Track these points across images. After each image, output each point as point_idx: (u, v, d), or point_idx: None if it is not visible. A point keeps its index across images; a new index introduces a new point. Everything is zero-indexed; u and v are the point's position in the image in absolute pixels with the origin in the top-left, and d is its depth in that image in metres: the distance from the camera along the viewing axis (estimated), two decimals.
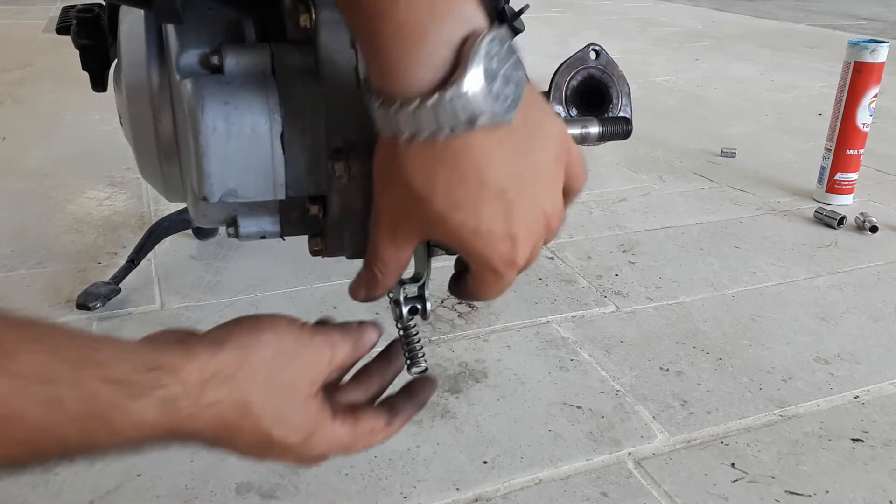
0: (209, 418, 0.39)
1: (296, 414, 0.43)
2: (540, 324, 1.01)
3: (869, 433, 0.81)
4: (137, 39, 0.55)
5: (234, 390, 0.40)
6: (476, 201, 0.38)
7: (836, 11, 4.22)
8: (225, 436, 0.41)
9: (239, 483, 0.72)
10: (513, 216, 0.39)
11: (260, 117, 0.45)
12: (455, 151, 0.37)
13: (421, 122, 0.36)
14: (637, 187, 1.51)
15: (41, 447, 0.35)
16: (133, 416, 0.36)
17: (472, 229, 0.39)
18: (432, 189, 0.38)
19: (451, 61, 0.36)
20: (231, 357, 0.40)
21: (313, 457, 0.45)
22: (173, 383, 0.37)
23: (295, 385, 0.43)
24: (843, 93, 1.39)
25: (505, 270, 0.41)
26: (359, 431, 0.46)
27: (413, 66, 0.36)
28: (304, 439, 0.43)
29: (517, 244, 0.40)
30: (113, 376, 0.36)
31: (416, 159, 0.38)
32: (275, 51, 0.48)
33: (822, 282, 1.14)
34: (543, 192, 0.40)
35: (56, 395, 0.34)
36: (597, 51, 0.63)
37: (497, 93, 0.36)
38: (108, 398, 0.35)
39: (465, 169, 0.38)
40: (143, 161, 0.59)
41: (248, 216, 0.52)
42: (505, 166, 0.38)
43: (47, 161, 1.55)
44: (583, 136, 0.58)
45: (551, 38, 2.83)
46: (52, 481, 0.71)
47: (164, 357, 0.38)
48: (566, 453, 0.77)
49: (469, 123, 0.36)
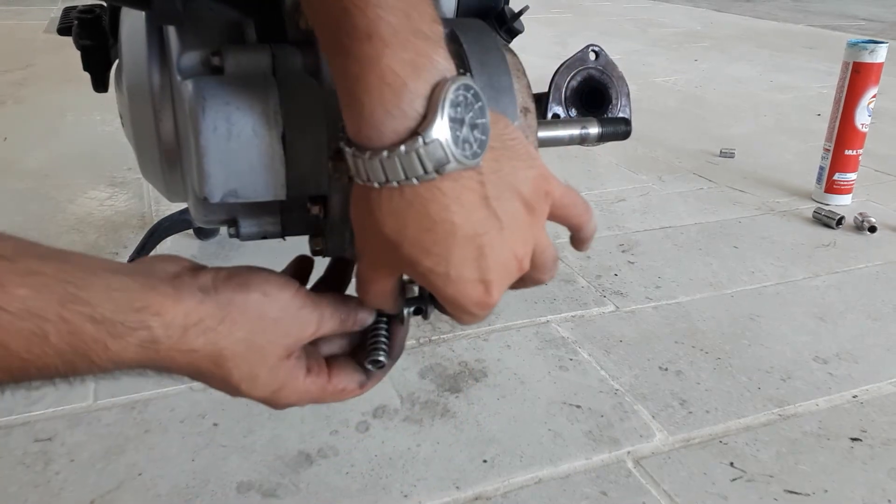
0: (184, 362, 0.41)
1: (266, 374, 0.44)
2: (539, 323, 1.01)
3: (867, 432, 0.82)
4: (138, 40, 0.55)
5: (210, 342, 0.41)
6: (445, 248, 0.39)
7: (834, 12, 4.22)
8: (196, 377, 0.43)
9: (240, 482, 0.72)
10: (484, 261, 0.40)
11: (261, 118, 0.46)
12: (424, 199, 0.38)
13: (389, 172, 0.37)
14: (636, 187, 1.51)
15: (22, 374, 0.37)
16: (113, 354, 0.38)
17: (443, 275, 0.40)
18: (402, 236, 0.39)
19: (421, 112, 0.36)
20: (215, 309, 0.41)
21: (280, 405, 0.47)
22: (156, 326, 0.39)
23: (271, 349, 0.43)
24: (842, 93, 1.39)
25: (477, 312, 0.42)
26: (329, 389, 0.48)
27: (387, 116, 0.36)
28: (271, 393, 0.45)
29: (490, 287, 0.41)
30: (98, 315, 0.37)
31: (386, 207, 0.38)
32: (275, 51, 0.48)
33: (820, 282, 1.15)
34: (514, 236, 0.41)
35: (41, 329, 0.35)
36: (596, 51, 0.64)
37: (464, 139, 0.37)
38: (91, 335, 0.37)
39: (434, 216, 0.38)
40: (144, 161, 0.59)
41: (249, 216, 0.52)
42: (474, 212, 0.39)
43: (49, 161, 1.55)
44: (582, 136, 0.58)
45: (551, 39, 2.83)
46: (52, 480, 0.72)
47: (152, 297, 0.39)
48: (566, 452, 0.77)
49: (436, 171, 0.37)
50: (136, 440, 0.77)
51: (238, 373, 0.42)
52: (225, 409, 0.82)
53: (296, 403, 0.47)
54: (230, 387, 0.43)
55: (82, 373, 0.38)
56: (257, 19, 0.52)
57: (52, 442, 0.77)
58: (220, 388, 0.44)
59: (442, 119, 0.36)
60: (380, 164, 0.37)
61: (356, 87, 0.36)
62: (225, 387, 0.44)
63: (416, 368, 0.90)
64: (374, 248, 0.41)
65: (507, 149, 0.40)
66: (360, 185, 0.39)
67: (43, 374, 0.37)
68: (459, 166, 0.37)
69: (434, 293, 0.41)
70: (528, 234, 0.42)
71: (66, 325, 0.36)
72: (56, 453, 0.75)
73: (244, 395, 0.44)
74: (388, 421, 0.81)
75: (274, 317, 0.43)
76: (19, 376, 0.37)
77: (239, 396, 0.45)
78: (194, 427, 0.79)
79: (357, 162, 0.38)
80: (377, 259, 0.42)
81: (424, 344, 0.95)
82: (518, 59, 0.52)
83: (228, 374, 0.42)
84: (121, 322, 0.38)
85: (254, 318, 0.42)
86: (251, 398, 0.45)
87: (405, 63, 0.36)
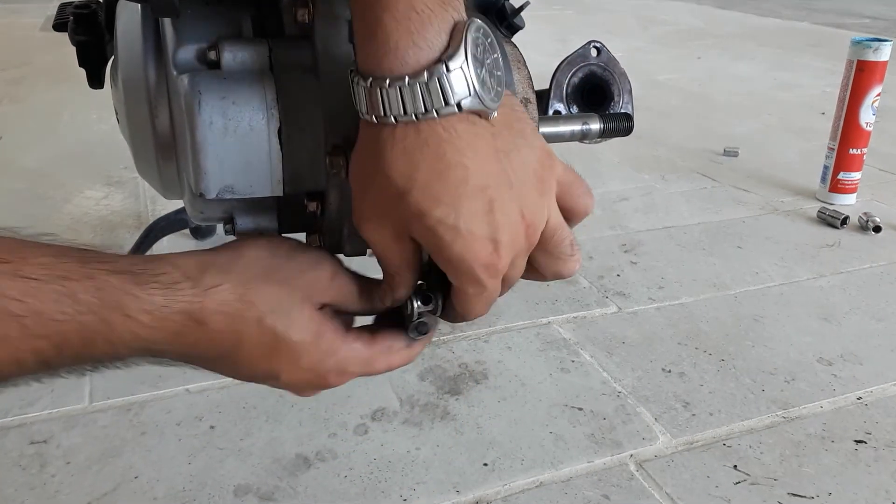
0: (213, 305, 0.40)
1: (297, 311, 0.42)
2: (541, 324, 1.00)
3: (872, 434, 0.81)
4: (134, 35, 0.54)
5: (231, 278, 0.41)
6: (456, 197, 0.38)
7: (839, 10, 4.21)
8: (232, 328, 0.41)
9: (237, 485, 0.71)
10: (493, 217, 0.39)
11: (257, 113, 0.45)
12: (439, 139, 0.37)
13: (409, 102, 0.36)
14: (639, 187, 1.50)
15: (63, 342, 0.37)
16: (142, 301, 0.38)
17: (452, 228, 0.38)
18: (412, 181, 0.38)
19: (444, 45, 0.37)
20: (225, 255, 0.43)
21: (331, 368, 0.44)
22: (172, 270, 0.40)
23: (291, 283, 0.43)
24: (846, 92, 1.39)
25: (486, 278, 0.40)
26: (377, 348, 0.45)
27: (412, 46, 0.36)
28: (312, 339, 0.43)
29: (499, 248, 0.39)
30: (118, 268, 0.38)
31: (400, 146, 0.37)
32: (273, 46, 0.47)
33: (825, 282, 1.14)
34: (524, 196, 0.40)
35: (69, 289, 0.36)
36: (598, 48, 0.63)
37: (483, 80, 0.37)
38: (117, 286, 0.38)
39: (448, 159, 0.37)
40: (139, 158, 0.58)
41: (246, 213, 0.51)
42: (487, 163, 0.38)
43: (44, 160, 1.54)
44: (584, 132, 0.57)
45: (551, 36, 2.82)
46: (48, 483, 0.71)
47: (163, 255, 0.41)
48: (567, 455, 0.76)
49: (456, 105, 0.37)
50: (133, 442, 0.76)
51: (268, 307, 0.41)
52: (222, 412, 0.81)
53: (346, 365, 0.44)
54: (265, 329, 0.41)
55: (122, 329, 0.38)
56: (254, 13, 0.51)
57: (48, 444, 0.76)
58: (259, 340, 0.42)
59: (465, 51, 0.36)
60: (399, 93, 0.36)
61: (383, 14, 0.36)
62: (261, 331, 0.41)
63: (415, 370, 0.89)
64: (378, 203, 0.40)
65: (515, 112, 0.40)
66: (372, 126, 0.38)
67: (84, 337, 0.37)
68: (479, 105, 0.37)
69: (440, 254, 0.39)
70: (538, 202, 0.40)
71: (92, 280, 0.37)
72: (52, 455, 0.74)
73: (282, 342, 0.42)
74: (388, 424, 0.80)
75: (285, 254, 0.44)
76: (62, 344, 0.37)
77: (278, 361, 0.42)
78: (191, 429, 0.78)
79: (374, 94, 0.37)
80: (382, 218, 0.40)
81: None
82: (518, 50, 0.51)
83: (260, 312, 0.41)
84: (141, 271, 0.39)
85: (266, 255, 0.43)
86: (291, 352, 0.42)
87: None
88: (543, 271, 0.43)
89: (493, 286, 0.41)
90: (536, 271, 0.43)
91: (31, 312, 0.35)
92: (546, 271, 0.43)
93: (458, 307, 0.43)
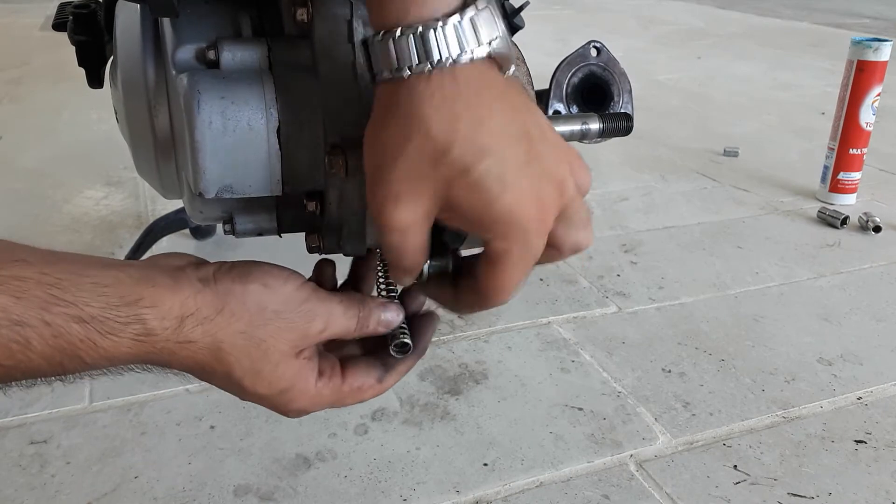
0: (184, 356, 0.39)
1: (271, 371, 0.42)
2: (541, 324, 1.00)
3: (872, 434, 0.81)
4: (133, 35, 0.54)
5: (208, 334, 0.40)
6: (502, 145, 0.36)
7: (839, 10, 4.21)
8: (199, 374, 0.41)
9: (237, 485, 0.71)
10: (534, 169, 0.37)
11: (256, 112, 0.45)
12: (477, 84, 0.36)
13: (443, 46, 0.35)
14: (639, 187, 1.50)
15: (6, 378, 0.36)
16: (105, 351, 0.37)
17: (499, 177, 0.36)
18: (454, 133, 0.35)
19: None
20: (212, 299, 0.40)
21: (292, 410, 0.45)
22: (151, 318, 0.38)
23: (273, 343, 0.42)
24: (846, 91, 1.38)
25: (534, 234, 0.37)
26: (345, 389, 0.45)
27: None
28: (278, 393, 0.43)
29: (543, 203, 0.37)
30: (86, 314, 0.36)
31: (436, 97, 0.36)
32: (272, 45, 0.47)
33: (825, 282, 1.14)
34: (554, 153, 0.38)
35: (23, 336, 0.35)
36: (598, 48, 0.63)
37: (502, 28, 0.37)
38: (78, 335, 0.36)
39: (488, 105, 0.36)
40: (139, 157, 0.58)
41: (245, 213, 0.51)
42: (520, 114, 0.37)
43: (44, 160, 1.54)
44: (583, 132, 0.57)
45: (551, 36, 2.82)
46: (48, 483, 0.71)
47: (147, 289, 0.38)
48: (567, 455, 0.76)
49: (489, 45, 0.36)
50: (133, 442, 0.76)
51: (240, 368, 0.41)
52: (222, 412, 0.81)
53: (308, 409, 0.45)
54: (234, 384, 0.42)
55: (74, 372, 0.37)
56: (253, 13, 0.51)
57: (48, 444, 0.76)
58: (226, 387, 0.43)
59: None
60: (433, 37, 0.35)
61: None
62: (229, 384, 0.42)
63: (415, 370, 0.89)
64: (414, 169, 0.36)
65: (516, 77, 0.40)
66: (400, 85, 0.36)
67: (28, 376, 0.37)
68: (505, 48, 0.37)
69: (484, 212, 0.36)
70: (561, 157, 0.39)
71: (50, 328, 0.35)
72: (52, 455, 0.74)
73: (250, 394, 0.43)
74: (388, 424, 0.80)
75: (275, 309, 0.42)
76: (3, 380, 0.36)
77: (247, 398, 0.43)
78: (191, 429, 0.78)
79: (405, 45, 0.35)
80: (417, 187, 0.36)
81: None
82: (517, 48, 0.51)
83: (230, 369, 0.41)
84: (111, 318, 0.37)
85: (253, 309, 0.41)
86: (258, 399, 0.43)
87: None
88: (561, 243, 0.40)
89: (538, 248, 0.38)
90: (553, 248, 0.40)
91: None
92: (566, 243, 0.40)
93: (492, 281, 0.39)
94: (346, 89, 0.45)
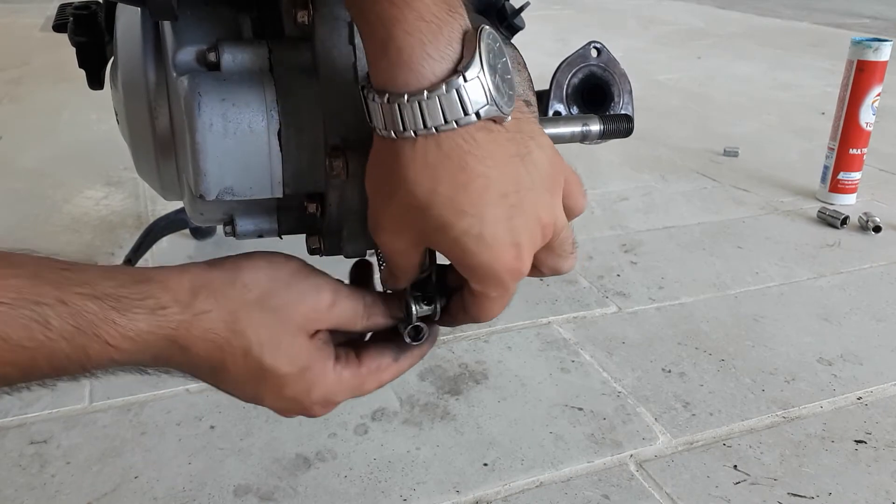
0: (200, 332, 0.39)
1: (288, 342, 0.42)
2: (541, 325, 1.00)
3: (872, 434, 0.81)
4: (134, 36, 0.54)
5: (223, 305, 0.40)
6: (480, 207, 0.37)
7: (839, 10, 4.21)
8: (217, 356, 0.40)
9: (237, 485, 0.71)
10: (514, 222, 0.38)
11: (257, 114, 0.45)
12: (462, 151, 0.37)
13: (429, 115, 0.36)
14: (639, 187, 1.50)
15: (31, 366, 0.36)
16: (123, 328, 0.37)
17: (476, 237, 0.38)
18: (434, 195, 0.37)
19: (458, 54, 0.36)
20: (223, 273, 0.41)
21: (316, 401, 0.44)
22: (162, 294, 0.38)
23: (287, 312, 0.42)
24: (846, 91, 1.38)
25: (510, 282, 0.40)
26: (363, 372, 0.45)
27: (426, 58, 0.36)
28: (299, 371, 0.42)
29: (521, 252, 0.39)
30: (99, 292, 0.37)
31: (421, 161, 0.37)
32: (272, 47, 0.47)
33: (825, 282, 1.14)
34: (541, 198, 0.40)
35: (41, 315, 0.35)
36: (598, 48, 0.63)
37: (497, 86, 0.37)
38: (95, 313, 0.36)
39: (471, 170, 0.37)
40: (139, 159, 0.58)
41: (246, 215, 0.51)
42: (506, 169, 0.38)
43: (44, 160, 1.54)
44: (584, 133, 0.57)
45: (551, 36, 2.82)
46: (48, 483, 0.71)
47: (155, 272, 0.40)
48: (567, 455, 0.76)
49: (476, 115, 0.36)
50: (133, 442, 0.76)
51: (258, 341, 0.41)
52: (222, 412, 0.81)
53: (331, 397, 0.44)
54: (251, 360, 0.41)
55: (98, 356, 0.37)
56: (254, 15, 0.51)
57: (48, 444, 0.76)
58: (242, 370, 0.41)
59: (481, 59, 0.36)
60: (419, 107, 0.36)
61: (394, 29, 0.35)
62: (245, 363, 0.41)
63: (415, 370, 0.89)
64: (398, 216, 0.39)
65: (525, 116, 0.40)
66: (390, 142, 0.38)
67: (54, 364, 0.36)
68: (496, 112, 0.37)
69: (464, 263, 0.39)
70: (550, 202, 0.40)
71: (67, 307, 0.35)
72: (52, 455, 0.74)
73: (271, 376, 0.42)
74: (388, 424, 0.80)
75: (285, 280, 0.43)
76: (29, 370, 0.36)
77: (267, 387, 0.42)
78: (191, 429, 0.78)
79: (391, 110, 0.36)
80: (400, 229, 0.40)
81: None
82: (518, 52, 0.51)
83: (248, 343, 0.41)
84: (125, 295, 0.37)
85: (264, 280, 0.42)
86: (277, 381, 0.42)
87: (441, 4, 0.36)
88: (542, 268, 0.43)
89: (514, 288, 0.42)
90: (534, 268, 0.43)
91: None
92: (545, 268, 0.44)
93: (475, 311, 0.43)
94: (346, 91, 0.45)
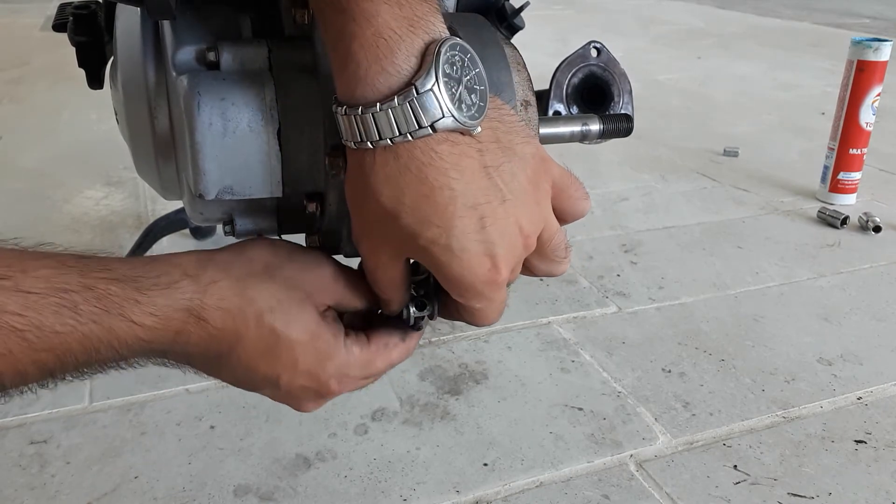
0: (213, 300, 0.40)
1: (297, 310, 0.43)
2: (541, 324, 1.00)
3: (872, 434, 0.81)
4: (134, 36, 0.54)
5: (231, 274, 0.42)
6: (446, 217, 0.38)
7: (839, 10, 4.21)
8: (231, 325, 0.41)
9: (237, 485, 0.71)
10: (487, 233, 0.38)
11: (256, 114, 0.45)
12: (420, 163, 0.37)
13: (383, 127, 0.37)
14: (639, 187, 1.50)
15: (66, 352, 0.37)
16: (145, 305, 0.39)
17: (445, 248, 0.38)
18: (400, 204, 0.38)
19: (414, 68, 0.37)
20: (226, 252, 0.43)
21: (332, 373, 0.44)
22: (172, 270, 0.40)
23: (293, 281, 0.43)
24: (847, 91, 1.38)
25: (489, 292, 0.40)
26: (373, 348, 0.46)
27: (382, 73, 0.36)
28: (310, 339, 0.43)
29: (497, 262, 0.39)
30: (119, 275, 0.39)
31: (382, 172, 0.38)
32: (272, 47, 0.47)
33: (825, 282, 1.14)
34: (518, 209, 0.39)
35: (70, 301, 0.37)
36: (598, 48, 0.63)
37: (460, 98, 0.37)
38: (119, 293, 0.38)
39: (432, 182, 0.37)
40: (139, 158, 0.58)
41: (245, 214, 0.51)
42: (475, 180, 0.38)
43: (44, 160, 1.54)
44: (583, 133, 0.57)
45: (551, 36, 2.82)
46: (48, 483, 0.71)
47: (162, 257, 0.42)
48: (567, 455, 0.76)
49: (431, 127, 0.36)
50: (133, 442, 0.76)
51: (268, 305, 0.42)
52: (222, 412, 0.81)
53: (346, 369, 0.45)
54: (266, 327, 0.42)
55: (125, 335, 0.38)
56: (254, 14, 0.51)
57: (48, 444, 0.76)
58: (258, 339, 0.42)
59: (435, 72, 0.36)
60: (373, 119, 0.37)
61: (352, 43, 0.36)
62: (260, 329, 0.42)
63: (415, 370, 0.89)
64: (373, 225, 0.40)
65: (505, 123, 0.40)
66: (355, 152, 0.38)
67: (86, 347, 0.37)
68: (456, 125, 0.37)
69: (439, 274, 0.40)
70: (533, 210, 0.40)
71: (92, 291, 0.37)
72: (52, 455, 0.74)
73: (282, 342, 0.42)
74: (387, 424, 0.80)
75: (286, 255, 0.44)
76: (64, 356, 0.37)
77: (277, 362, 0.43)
78: (191, 429, 0.78)
79: (350, 121, 0.37)
80: (377, 238, 0.41)
81: (424, 345, 0.94)
82: (518, 52, 0.51)
83: (260, 309, 0.41)
84: (142, 276, 0.39)
85: (266, 255, 0.44)
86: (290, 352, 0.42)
87: (401, 20, 0.36)
88: (535, 271, 0.44)
89: (500, 297, 0.41)
90: (527, 270, 0.44)
91: (32, 326, 0.36)
92: (538, 272, 0.44)
93: (467, 318, 0.44)
94: None
